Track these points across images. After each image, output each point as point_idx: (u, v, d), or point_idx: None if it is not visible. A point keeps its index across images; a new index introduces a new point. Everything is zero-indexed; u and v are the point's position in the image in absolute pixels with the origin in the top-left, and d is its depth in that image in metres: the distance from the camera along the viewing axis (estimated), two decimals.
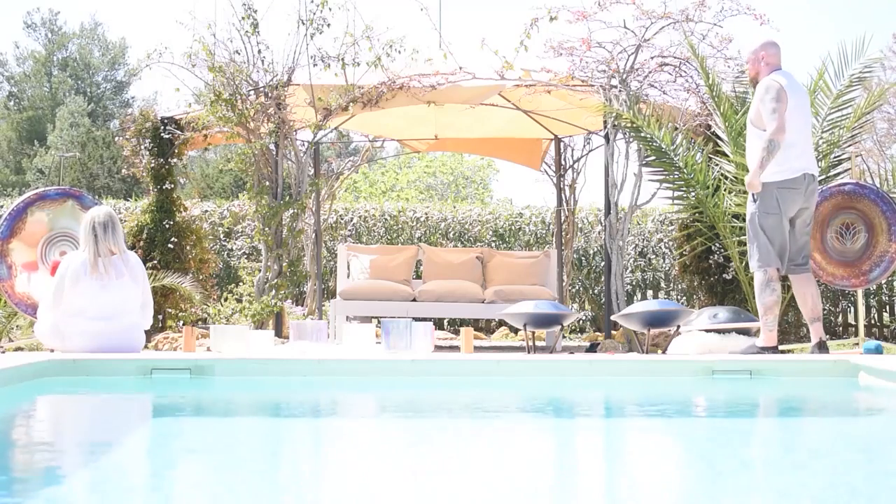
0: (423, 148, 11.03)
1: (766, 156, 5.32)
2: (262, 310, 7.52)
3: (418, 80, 7.63)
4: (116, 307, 5.20)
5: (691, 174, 7.33)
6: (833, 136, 7.29)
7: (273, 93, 7.64)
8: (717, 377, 4.46)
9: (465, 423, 3.45)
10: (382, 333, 5.33)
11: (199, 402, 4.14)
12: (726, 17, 7.43)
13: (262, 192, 7.75)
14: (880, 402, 4.07)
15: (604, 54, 7.54)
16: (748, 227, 5.55)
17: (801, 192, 5.45)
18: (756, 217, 5.47)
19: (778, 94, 5.34)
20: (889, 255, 6.42)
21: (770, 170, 5.39)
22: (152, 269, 7.93)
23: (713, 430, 3.32)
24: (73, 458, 2.64)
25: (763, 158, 5.33)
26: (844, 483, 2.28)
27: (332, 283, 11.05)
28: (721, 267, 7.79)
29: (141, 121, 8.50)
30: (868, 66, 7.24)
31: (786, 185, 5.41)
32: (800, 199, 5.46)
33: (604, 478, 2.42)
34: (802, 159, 5.48)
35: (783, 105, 5.32)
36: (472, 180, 27.19)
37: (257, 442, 3.00)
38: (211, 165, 30.82)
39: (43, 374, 4.16)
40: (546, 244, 11.76)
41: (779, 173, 5.40)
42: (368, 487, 2.19)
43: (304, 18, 7.62)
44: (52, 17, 42.33)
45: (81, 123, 34.98)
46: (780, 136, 5.30)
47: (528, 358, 4.77)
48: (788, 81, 5.46)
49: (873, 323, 10.86)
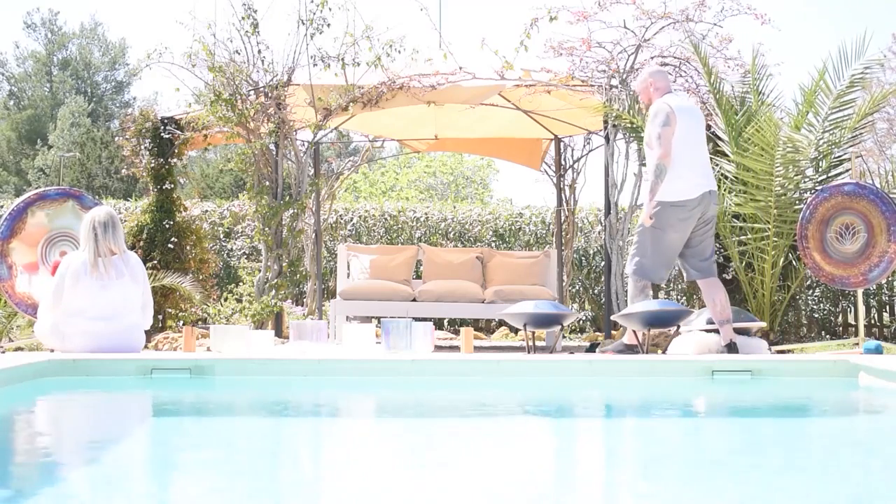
0: (423, 148, 11.03)
1: (654, 180, 5.47)
2: (262, 310, 7.52)
3: (418, 80, 7.63)
4: (116, 307, 5.20)
5: None
6: (833, 137, 7.29)
7: (273, 93, 7.64)
8: (717, 377, 4.46)
9: (466, 423, 3.45)
10: (382, 333, 5.33)
11: (199, 402, 4.14)
12: (726, 17, 7.43)
13: (262, 192, 7.75)
14: (880, 402, 4.07)
15: (604, 54, 7.54)
16: (637, 235, 5.66)
17: (700, 210, 5.56)
18: (649, 232, 5.57)
19: (667, 117, 5.48)
20: (888, 256, 6.42)
21: (670, 187, 5.48)
22: (152, 269, 7.92)
23: (713, 430, 3.32)
24: (74, 458, 2.64)
25: (653, 183, 5.47)
26: (844, 483, 2.28)
27: (332, 283, 11.05)
28: (721, 267, 7.78)
29: (141, 121, 8.50)
30: (868, 67, 7.24)
31: (682, 204, 5.51)
32: (697, 216, 5.58)
33: (604, 478, 2.42)
34: (703, 178, 5.60)
35: (670, 129, 5.46)
36: (472, 180, 27.19)
37: (257, 442, 3.00)
38: (211, 165, 30.83)
39: (43, 374, 4.16)
40: (546, 244, 11.76)
41: (678, 192, 5.50)
42: (368, 487, 2.19)
43: (304, 18, 7.62)
44: (52, 17, 42.32)
45: (82, 123, 34.99)
46: (667, 160, 5.44)
47: (528, 358, 4.77)
48: (678, 103, 5.61)
49: (873, 323, 10.85)
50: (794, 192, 7.11)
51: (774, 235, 7.00)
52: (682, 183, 5.50)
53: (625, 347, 5.63)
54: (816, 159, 7.32)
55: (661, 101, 5.60)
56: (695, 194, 5.51)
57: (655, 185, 5.45)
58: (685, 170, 5.51)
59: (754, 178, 6.88)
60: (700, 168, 5.59)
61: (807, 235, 6.71)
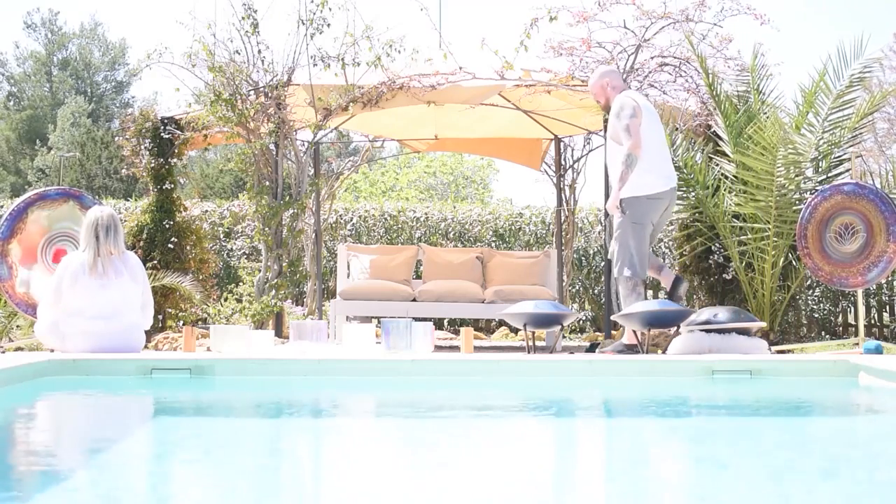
0: (423, 148, 11.02)
1: (625, 170, 5.57)
2: (262, 310, 7.52)
3: (418, 80, 7.63)
4: (116, 306, 5.20)
5: (691, 174, 7.33)
6: (833, 137, 7.29)
7: (273, 93, 7.64)
8: (717, 377, 4.46)
9: (466, 423, 3.45)
10: (382, 333, 5.33)
11: (199, 401, 4.14)
12: (726, 17, 7.42)
13: (262, 192, 7.75)
14: (880, 402, 4.07)
15: (604, 54, 7.54)
16: (618, 235, 5.76)
17: (667, 202, 5.79)
18: (629, 228, 5.69)
19: (634, 110, 5.62)
20: (887, 255, 6.42)
21: (643, 181, 5.62)
22: (152, 269, 7.92)
23: (713, 430, 3.32)
24: (74, 458, 2.64)
25: (623, 172, 5.57)
26: (845, 483, 2.28)
27: (332, 283, 11.05)
28: (721, 267, 7.79)
29: (141, 121, 8.50)
30: (867, 66, 7.24)
31: (658, 197, 5.72)
32: (663, 208, 5.79)
33: (604, 478, 2.42)
34: (671, 171, 5.85)
35: (637, 120, 5.61)
36: (472, 180, 27.18)
37: (257, 442, 3.00)
38: (211, 165, 30.82)
39: (43, 374, 4.16)
40: (546, 244, 11.76)
41: (647, 186, 5.65)
42: (368, 487, 2.19)
43: (304, 18, 7.62)
44: (52, 17, 42.34)
45: (82, 123, 34.99)
46: (638, 150, 5.57)
47: (528, 358, 4.77)
48: (642, 101, 5.77)
49: (873, 323, 10.85)
50: (794, 192, 7.11)
51: (774, 235, 7.00)
52: (654, 176, 5.69)
53: (625, 347, 5.65)
54: (816, 159, 7.32)
55: (624, 95, 5.76)
56: (667, 186, 5.76)
57: (626, 175, 5.58)
58: (656, 163, 5.70)
59: (755, 178, 6.88)
60: (667, 162, 5.84)
61: (806, 235, 6.71)
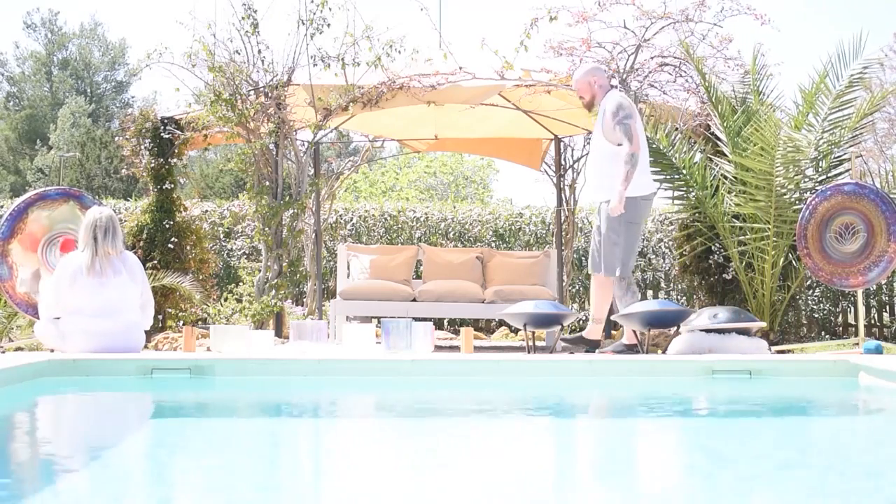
0: (423, 148, 11.02)
1: (630, 169, 5.55)
2: (262, 310, 7.52)
3: (418, 80, 7.63)
4: (115, 304, 5.20)
5: (690, 175, 7.33)
6: (833, 137, 7.29)
7: (273, 93, 7.64)
8: (717, 377, 4.46)
9: (466, 423, 3.45)
10: (382, 333, 5.33)
11: (199, 402, 4.14)
12: (726, 17, 7.42)
13: (262, 192, 7.75)
14: (880, 402, 4.07)
15: (604, 54, 7.54)
16: (609, 233, 5.73)
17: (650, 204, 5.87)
18: (625, 228, 5.69)
19: (631, 108, 5.61)
20: (888, 255, 6.42)
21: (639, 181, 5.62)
22: (152, 269, 7.92)
23: (713, 430, 3.32)
24: (74, 458, 2.64)
25: (628, 172, 5.55)
26: (845, 482, 2.28)
27: (332, 283, 11.05)
28: (721, 267, 7.79)
29: (141, 121, 8.50)
30: (867, 66, 7.23)
31: (650, 197, 5.79)
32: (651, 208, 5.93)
33: (604, 477, 2.42)
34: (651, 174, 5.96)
35: (634, 121, 5.59)
36: (472, 180, 27.17)
37: (257, 442, 3.00)
38: (211, 165, 30.82)
39: (43, 374, 4.16)
40: (546, 244, 11.76)
41: (643, 186, 5.68)
42: (369, 488, 2.19)
43: (304, 18, 7.62)
44: (52, 17, 42.35)
45: (82, 123, 34.99)
46: (639, 151, 5.58)
47: (528, 358, 4.77)
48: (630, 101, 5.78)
49: (873, 323, 10.86)
50: (794, 193, 7.11)
51: (774, 235, 7.00)
52: (646, 177, 5.74)
53: (625, 347, 5.65)
54: (816, 159, 7.32)
55: (619, 95, 5.74)
56: (655, 187, 5.91)
57: (631, 174, 5.55)
58: (646, 164, 5.75)
59: (754, 178, 6.88)
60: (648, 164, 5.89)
61: (806, 235, 6.71)
